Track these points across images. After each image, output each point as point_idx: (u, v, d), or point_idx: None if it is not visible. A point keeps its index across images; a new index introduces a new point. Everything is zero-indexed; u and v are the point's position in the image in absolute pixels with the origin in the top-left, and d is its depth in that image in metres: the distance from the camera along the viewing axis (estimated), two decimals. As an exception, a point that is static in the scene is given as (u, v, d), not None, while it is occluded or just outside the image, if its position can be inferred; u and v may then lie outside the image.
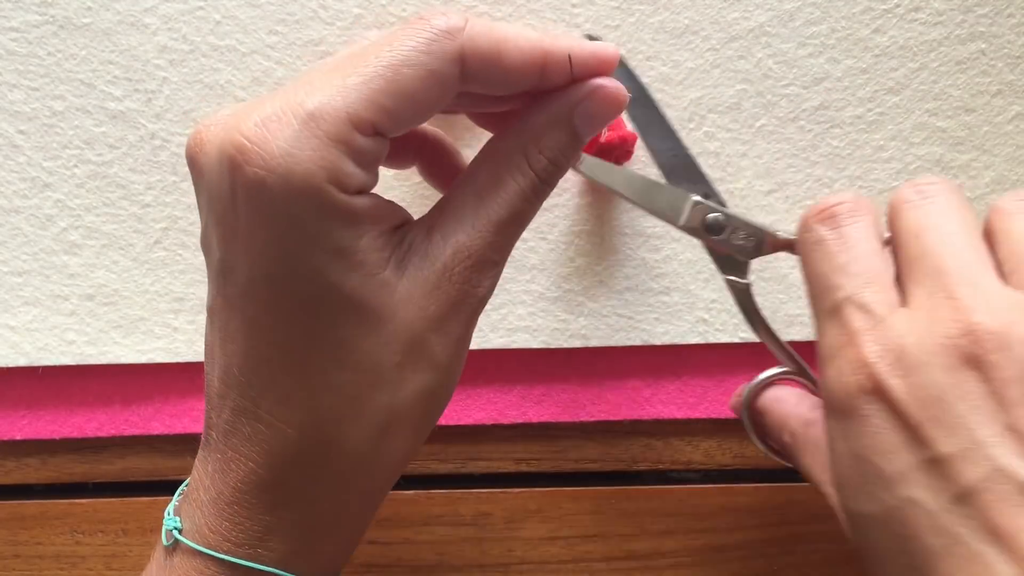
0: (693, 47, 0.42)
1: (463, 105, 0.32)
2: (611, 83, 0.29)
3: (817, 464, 0.34)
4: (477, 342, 0.43)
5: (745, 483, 0.44)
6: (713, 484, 0.45)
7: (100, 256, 0.44)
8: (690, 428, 0.44)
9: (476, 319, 0.30)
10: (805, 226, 0.33)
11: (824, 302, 0.31)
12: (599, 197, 0.43)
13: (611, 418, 0.44)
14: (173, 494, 0.31)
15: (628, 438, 0.44)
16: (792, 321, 0.43)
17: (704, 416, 0.44)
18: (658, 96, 0.43)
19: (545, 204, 0.42)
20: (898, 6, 0.42)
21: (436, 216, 0.29)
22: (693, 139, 0.43)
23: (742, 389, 0.38)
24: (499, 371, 0.44)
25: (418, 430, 0.30)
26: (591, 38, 0.33)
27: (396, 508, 0.44)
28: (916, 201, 0.31)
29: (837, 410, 0.30)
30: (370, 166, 0.27)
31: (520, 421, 0.44)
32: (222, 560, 0.28)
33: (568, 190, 0.43)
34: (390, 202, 0.29)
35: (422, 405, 0.29)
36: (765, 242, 0.36)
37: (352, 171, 0.26)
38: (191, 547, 0.29)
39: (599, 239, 0.43)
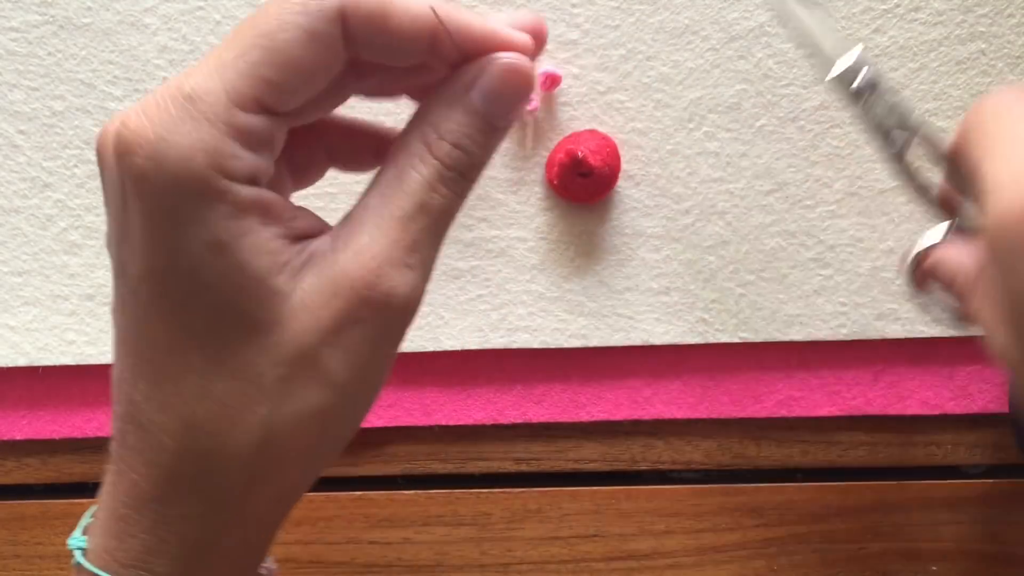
0: (693, 47, 0.42)
1: (370, 86, 0.29)
2: (511, 56, 0.26)
3: (987, 305, 0.30)
4: (477, 342, 0.43)
5: (745, 483, 0.44)
6: (713, 484, 0.45)
7: (100, 256, 0.44)
8: (690, 428, 0.44)
9: (393, 335, 0.27)
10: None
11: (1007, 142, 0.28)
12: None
13: (611, 418, 0.44)
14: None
15: (628, 438, 0.44)
16: (792, 321, 0.43)
17: (704, 416, 0.44)
18: (658, 96, 0.43)
19: (545, 204, 0.42)
20: (898, 6, 0.42)
21: (341, 223, 0.27)
22: (693, 139, 0.43)
23: (908, 255, 0.35)
24: (499, 371, 0.44)
25: (310, 453, 0.27)
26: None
27: (396, 508, 0.44)
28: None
29: (1014, 235, 0.27)
30: (260, 148, 0.25)
31: (520, 421, 0.44)
32: None
33: (568, 190, 0.43)
34: (301, 208, 0.27)
35: (312, 425, 0.26)
36: (916, 137, 0.32)
37: (238, 153, 0.24)
38: (86, 567, 0.27)
39: (599, 239, 0.43)
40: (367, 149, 0.31)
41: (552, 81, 0.42)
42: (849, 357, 0.44)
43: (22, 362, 0.44)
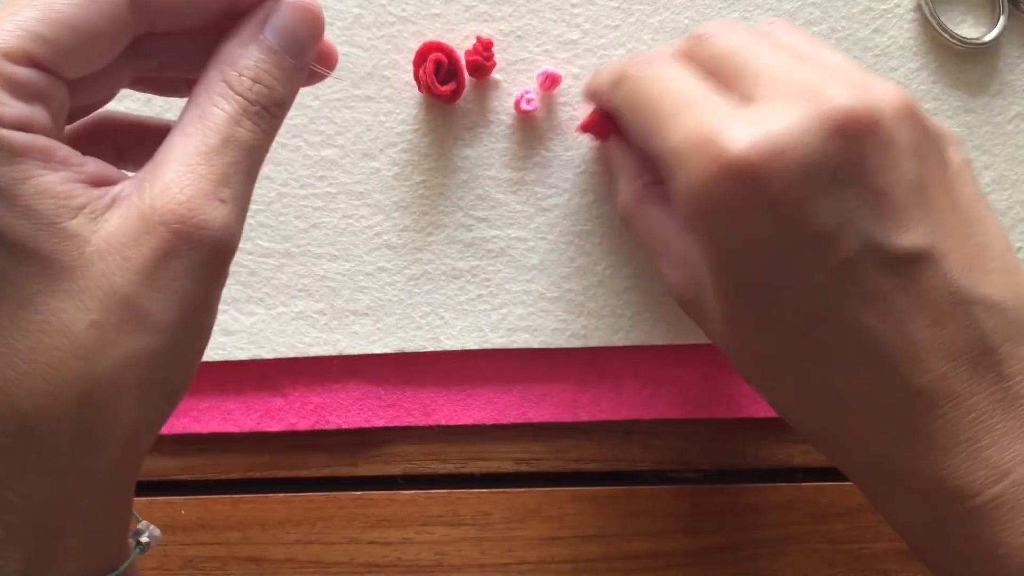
0: (693, 47, 0.42)
1: (156, 64, 0.29)
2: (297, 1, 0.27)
3: (676, 270, 0.35)
4: (476, 342, 0.43)
5: (745, 483, 0.44)
6: (713, 484, 0.45)
7: (100, 256, 0.44)
8: (690, 428, 0.44)
9: (213, 270, 0.26)
10: (624, 76, 0.34)
11: (663, 114, 0.32)
12: (599, 197, 0.43)
13: (611, 418, 0.44)
14: (173, 494, 0.31)
15: (628, 438, 0.44)
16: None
17: (704, 416, 0.44)
18: (658, 96, 0.43)
19: (545, 204, 0.42)
20: (898, 6, 0.42)
21: (145, 168, 0.26)
22: (693, 139, 0.43)
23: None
24: (499, 371, 0.44)
25: (145, 399, 0.26)
26: None
27: (396, 508, 0.44)
28: (716, 31, 0.34)
29: (705, 208, 0.30)
30: (32, 100, 0.24)
31: (520, 421, 0.44)
32: None
33: (568, 191, 0.43)
34: (92, 158, 0.26)
35: (140, 371, 0.25)
36: None
37: (5, 100, 0.24)
38: None
39: (599, 239, 0.43)
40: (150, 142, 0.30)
41: (552, 81, 0.42)
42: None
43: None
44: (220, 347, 0.44)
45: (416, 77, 0.42)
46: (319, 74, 0.30)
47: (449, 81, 0.41)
